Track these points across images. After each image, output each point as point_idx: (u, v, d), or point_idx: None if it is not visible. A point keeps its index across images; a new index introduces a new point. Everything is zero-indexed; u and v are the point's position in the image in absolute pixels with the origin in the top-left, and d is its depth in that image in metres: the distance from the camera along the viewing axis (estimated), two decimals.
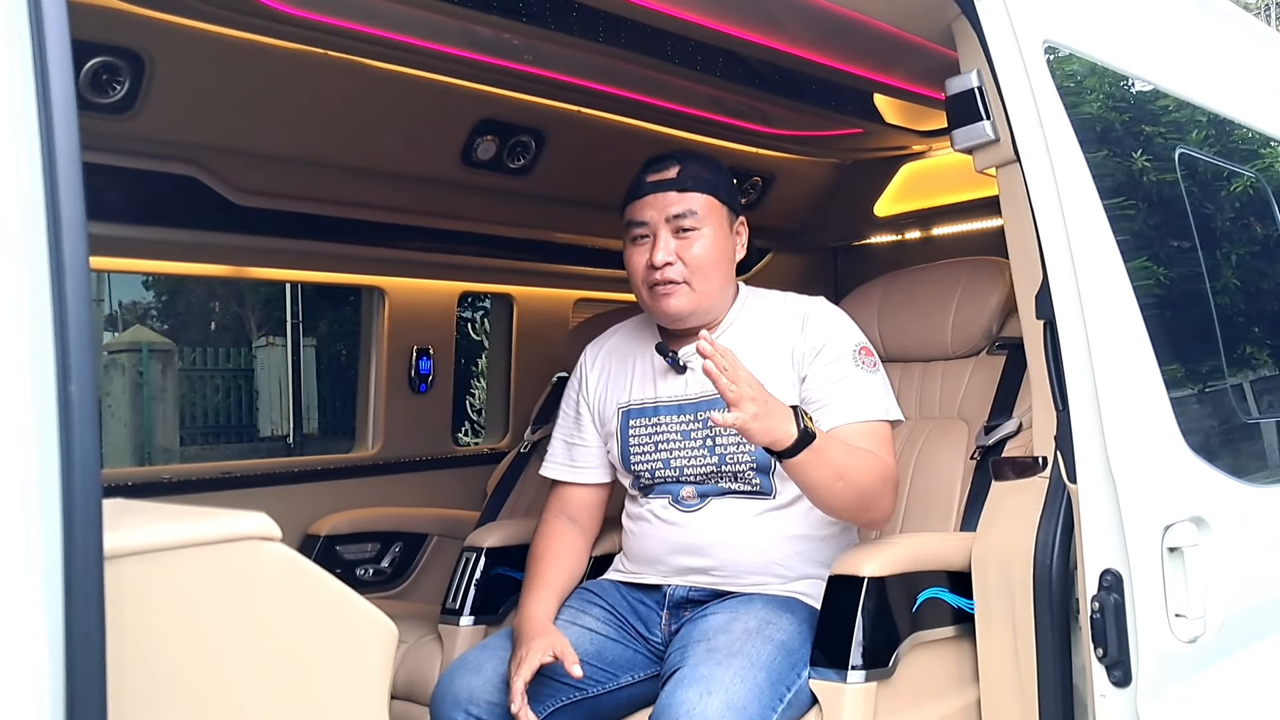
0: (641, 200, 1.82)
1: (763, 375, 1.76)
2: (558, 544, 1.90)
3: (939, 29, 1.69)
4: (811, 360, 1.78)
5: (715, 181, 1.84)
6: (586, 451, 1.93)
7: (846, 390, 1.74)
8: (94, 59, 2.04)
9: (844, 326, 1.83)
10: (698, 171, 1.83)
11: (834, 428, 1.72)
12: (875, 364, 1.80)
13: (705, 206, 1.81)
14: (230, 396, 13.51)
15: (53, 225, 0.72)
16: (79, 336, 0.72)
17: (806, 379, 1.77)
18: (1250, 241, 2.21)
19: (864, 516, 1.72)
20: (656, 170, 1.84)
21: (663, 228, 1.79)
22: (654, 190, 1.81)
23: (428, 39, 2.22)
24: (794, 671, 1.58)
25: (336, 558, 2.77)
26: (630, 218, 1.83)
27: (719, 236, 1.81)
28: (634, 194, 1.84)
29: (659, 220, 1.80)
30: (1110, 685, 1.46)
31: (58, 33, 0.74)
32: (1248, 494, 1.83)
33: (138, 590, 0.78)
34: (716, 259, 1.81)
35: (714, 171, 1.86)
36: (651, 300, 1.82)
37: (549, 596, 1.81)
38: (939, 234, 3.48)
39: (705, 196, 1.81)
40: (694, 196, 1.80)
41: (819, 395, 1.76)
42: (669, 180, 1.81)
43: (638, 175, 1.86)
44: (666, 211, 1.79)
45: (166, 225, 2.45)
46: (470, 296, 3.89)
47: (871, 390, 1.76)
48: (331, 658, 0.94)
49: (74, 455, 0.71)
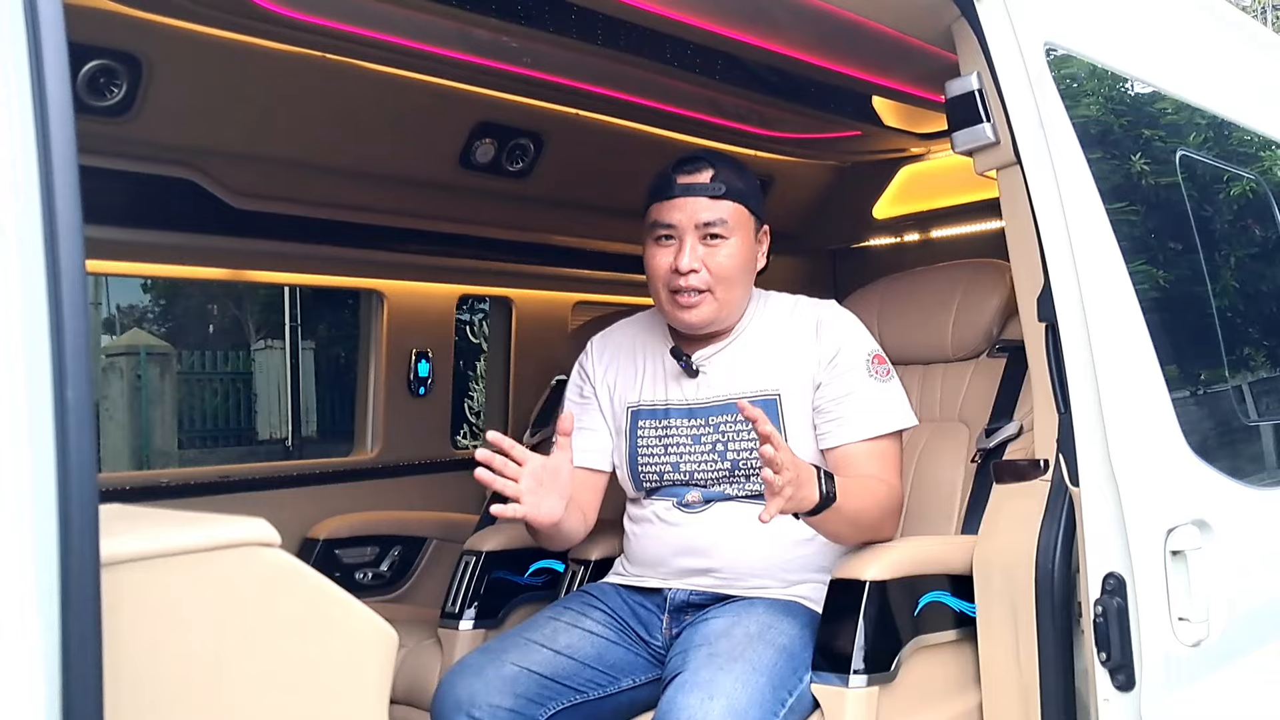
0: (671, 202, 1.77)
1: (777, 382, 1.76)
2: None
3: (938, 31, 1.68)
4: (826, 367, 1.77)
5: (746, 190, 1.81)
6: (590, 436, 1.89)
7: (857, 404, 1.74)
8: (91, 62, 2.03)
9: (858, 333, 1.82)
10: (730, 179, 1.78)
11: (843, 445, 1.73)
12: (889, 371, 1.79)
13: (735, 216, 1.77)
14: (228, 400, 13.50)
15: (49, 228, 0.72)
16: (75, 341, 0.72)
17: (820, 386, 1.77)
18: (1250, 244, 2.21)
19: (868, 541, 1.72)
20: (688, 172, 1.78)
21: (690, 233, 1.75)
22: (686, 193, 1.76)
23: (426, 42, 2.21)
24: (796, 676, 1.58)
25: (335, 561, 2.77)
26: (656, 218, 1.78)
27: (745, 246, 1.79)
28: (663, 193, 1.78)
29: (687, 225, 1.76)
30: (1113, 689, 1.46)
31: (54, 35, 0.73)
32: (1250, 497, 1.82)
33: (135, 597, 0.78)
34: (741, 269, 1.79)
35: (745, 179, 1.82)
36: (672, 308, 1.79)
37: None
38: (938, 236, 3.48)
39: (736, 205, 1.77)
40: (725, 205, 1.76)
41: (830, 408, 1.76)
42: (702, 185, 1.77)
43: (665, 173, 1.80)
44: (697, 218, 1.75)
45: (164, 228, 2.45)
46: (469, 299, 3.89)
47: (883, 402, 1.76)
48: (331, 664, 0.93)
49: (70, 460, 0.71)
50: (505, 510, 1.53)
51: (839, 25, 2.01)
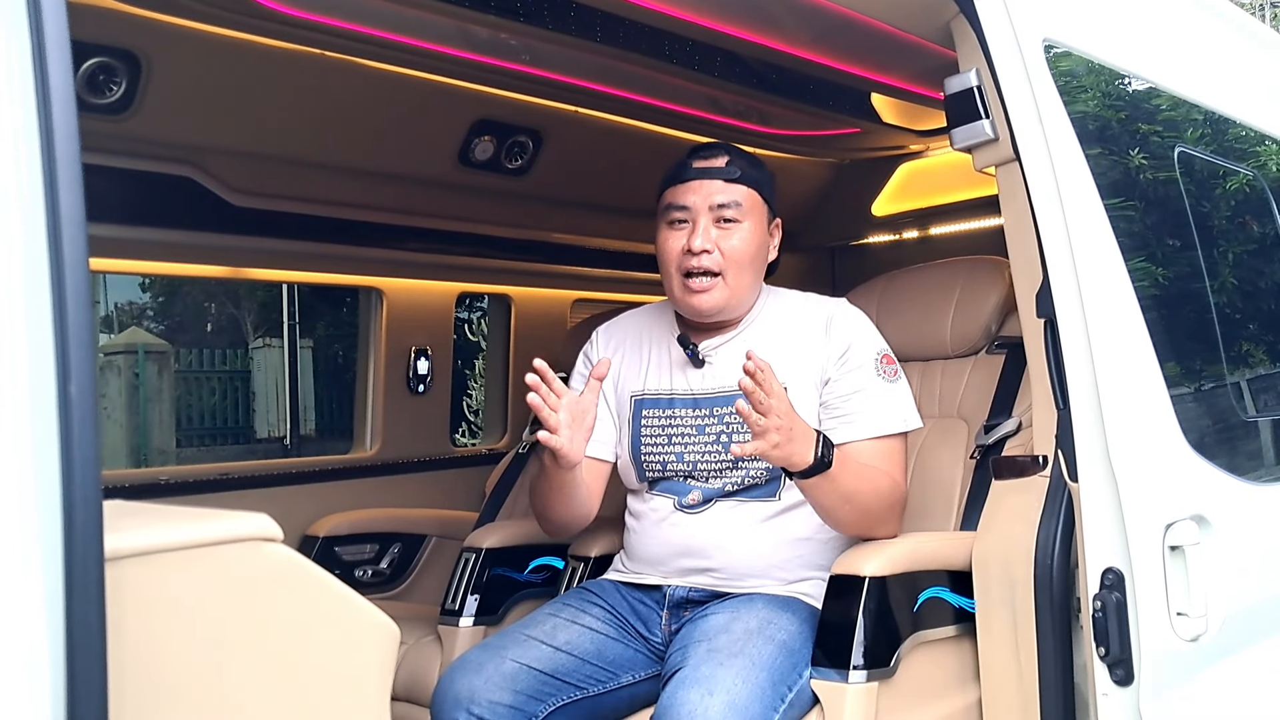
0: (686, 185, 1.80)
1: (784, 375, 1.76)
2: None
3: (937, 28, 1.68)
4: (835, 364, 1.78)
5: (760, 178, 1.84)
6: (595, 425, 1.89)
7: (865, 403, 1.75)
8: (90, 59, 2.03)
9: (867, 332, 1.83)
10: (745, 166, 1.82)
11: (849, 442, 1.73)
12: (896, 371, 1.80)
13: (749, 200, 1.80)
14: (227, 398, 13.48)
15: (53, 225, 0.72)
16: (79, 337, 0.72)
17: (829, 383, 1.78)
18: (1248, 240, 2.21)
19: (866, 535, 1.72)
20: (704, 157, 1.82)
21: (704, 214, 1.78)
22: (701, 176, 1.80)
23: (424, 39, 2.21)
24: (795, 671, 1.58)
25: (335, 559, 2.77)
26: (670, 201, 1.81)
27: (758, 232, 1.81)
28: (677, 178, 1.82)
29: (701, 206, 1.78)
30: (1112, 684, 1.46)
31: (57, 33, 0.73)
32: (1249, 492, 1.83)
33: (138, 592, 0.78)
34: (752, 255, 1.80)
35: (759, 168, 1.86)
36: (683, 293, 1.79)
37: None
38: (937, 233, 3.48)
39: (750, 190, 1.80)
40: (739, 189, 1.79)
41: (838, 405, 1.76)
42: (717, 168, 1.80)
43: (682, 160, 1.84)
44: (711, 199, 1.78)
45: (163, 226, 2.44)
46: (468, 297, 3.89)
47: (891, 402, 1.77)
48: (333, 659, 0.94)
49: (74, 456, 0.71)
50: (550, 439, 1.58)
51: (838, 22, 2.02)
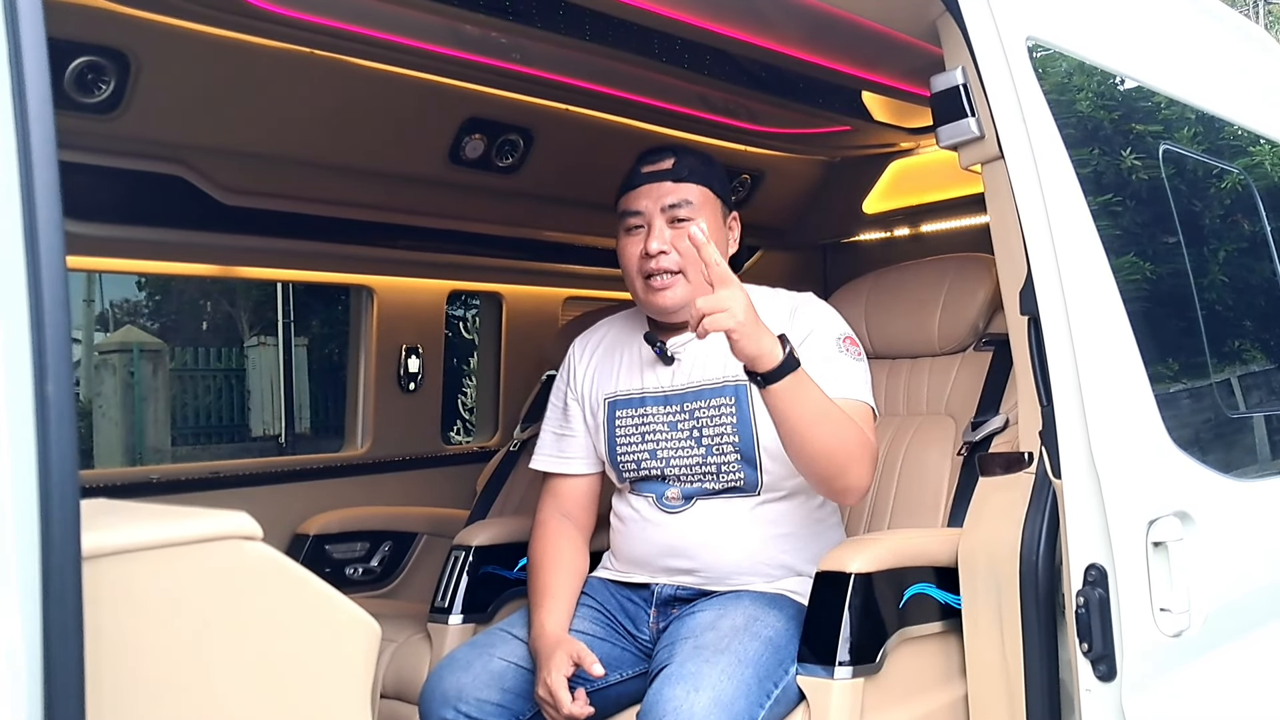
0: (636, 190, 1.83)
1: None
2: (557, 546, 1.86)
3: (924, 26, 1.69)
4: (801, 346, 1.77)
5: (710, 174, 1.86)
6: (575, 442, 1.93)
7: (832, 370, 1.73)
8: (79, 58, 2.03)
9: (830, 317, 1.84)
10: (693, 163, 1.84)
11: None
12: (859, 354, 1.80)
13: (700, 197, 1.82)
14: (222, 397, 13.46)
15: (29, 223, 0.72)
16: (56, 336, 0.72)
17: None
18: (1235, 238, 2.22)
19: (840, 480, 1.64)
20: (652, 161, 1.85)
21: (657, 217, 1.80)
22: (649, 180, 1.82)
23: (414, 38, 2.21)
24: (781, 668, 1.58)
25: (326, 557, 2.77)
26: (625, 208, 1.84)
27: (713, 229, 1.81)
28: (629, 185, 1.85)
29: (654, 210, 1.80)
30: (1095, 679, 1.47)
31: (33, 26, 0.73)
32: (1231, 488, 1.83)
33: (116, 590, 0.78)
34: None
35: (708, 165, 1.88)
36: (646, 293, 1.82)
37: (558, 605, 1.77)
38: (927, 231, 3.48)
39: (700, 188, 1.82)
40: (689, 187, 1.81)
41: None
42: (664, 170, 1.83)
43: (633, 167, 1.87)
44: (662, 201, 1.80)
45: (154, 225, 2.44)
46: (461, 295, 3.89)
47: (855, 375, 1.77)
48: (314, 657, 0.94)
49: (51, 454, 0.71)
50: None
51: (827, 20, 2.02)
